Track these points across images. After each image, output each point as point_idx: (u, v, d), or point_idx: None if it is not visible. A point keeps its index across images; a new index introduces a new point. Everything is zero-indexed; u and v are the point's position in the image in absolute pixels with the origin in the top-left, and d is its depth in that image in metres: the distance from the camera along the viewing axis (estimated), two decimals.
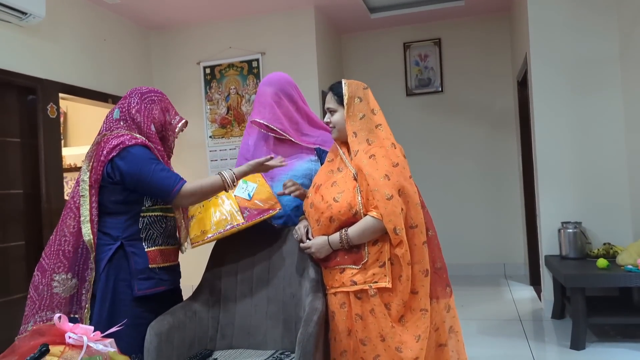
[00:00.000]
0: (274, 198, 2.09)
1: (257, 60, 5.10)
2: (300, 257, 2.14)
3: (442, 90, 5.91)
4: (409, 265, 1.87)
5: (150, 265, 1.92)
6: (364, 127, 1.98)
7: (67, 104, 5.56)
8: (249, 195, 2.08)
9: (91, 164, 1.86)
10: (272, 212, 2.06)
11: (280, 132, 2.21)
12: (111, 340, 1.47)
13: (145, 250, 1.91)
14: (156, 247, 1.94)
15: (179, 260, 2.10)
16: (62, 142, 4.48)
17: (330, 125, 2.05)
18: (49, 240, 1.95)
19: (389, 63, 5.96)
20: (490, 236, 5.71)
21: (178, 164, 5.38)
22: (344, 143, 2.04)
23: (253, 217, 2.05)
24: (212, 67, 5.30)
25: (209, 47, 5.27)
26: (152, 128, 1.98)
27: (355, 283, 1.91)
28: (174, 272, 2.06)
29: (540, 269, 4.18)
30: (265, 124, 2.20)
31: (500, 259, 5.67)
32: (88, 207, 1.85)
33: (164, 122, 2.02)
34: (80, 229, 1.87)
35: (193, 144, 5.37)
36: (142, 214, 1.91)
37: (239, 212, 2.05)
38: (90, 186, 1.85)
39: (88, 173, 1.86)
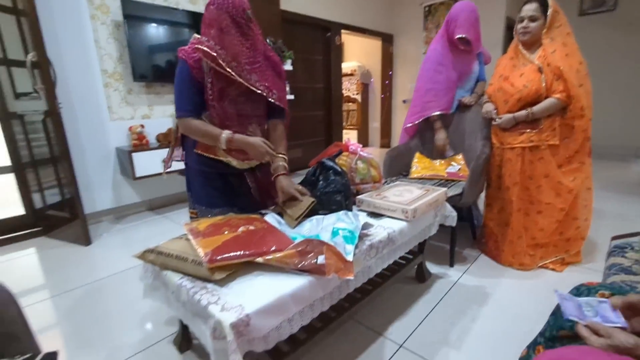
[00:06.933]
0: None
1: None
2: (476, 123, 2.63)
3: (614, 9, 5.17)
4: (581, 132, 2.16)
5: (194, 149, 1.97)
6: (559, 33, 2.17)
7: (344, 37, 6.94)
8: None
9: None
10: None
11: (475, 46, 2.57)
12: (369, 151, 1.89)
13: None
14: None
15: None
16: (342, 59, 6.06)
17: (527, 30, 2.20)
18: None
19: None
20: None
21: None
22: (526, 44, 2.26)
23: (452, 175, 2.60)
24: (430, 6, 5.98)
25: None
26: (211, 31, 1.74)
27: (532, 141, 2.21)
28: (216, 165, 1.98)
29: None
30: (468, 39, 2.54)
31: None
32: None
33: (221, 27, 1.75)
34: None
35: (410, 59, 6.05)
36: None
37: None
38: None
39: None
